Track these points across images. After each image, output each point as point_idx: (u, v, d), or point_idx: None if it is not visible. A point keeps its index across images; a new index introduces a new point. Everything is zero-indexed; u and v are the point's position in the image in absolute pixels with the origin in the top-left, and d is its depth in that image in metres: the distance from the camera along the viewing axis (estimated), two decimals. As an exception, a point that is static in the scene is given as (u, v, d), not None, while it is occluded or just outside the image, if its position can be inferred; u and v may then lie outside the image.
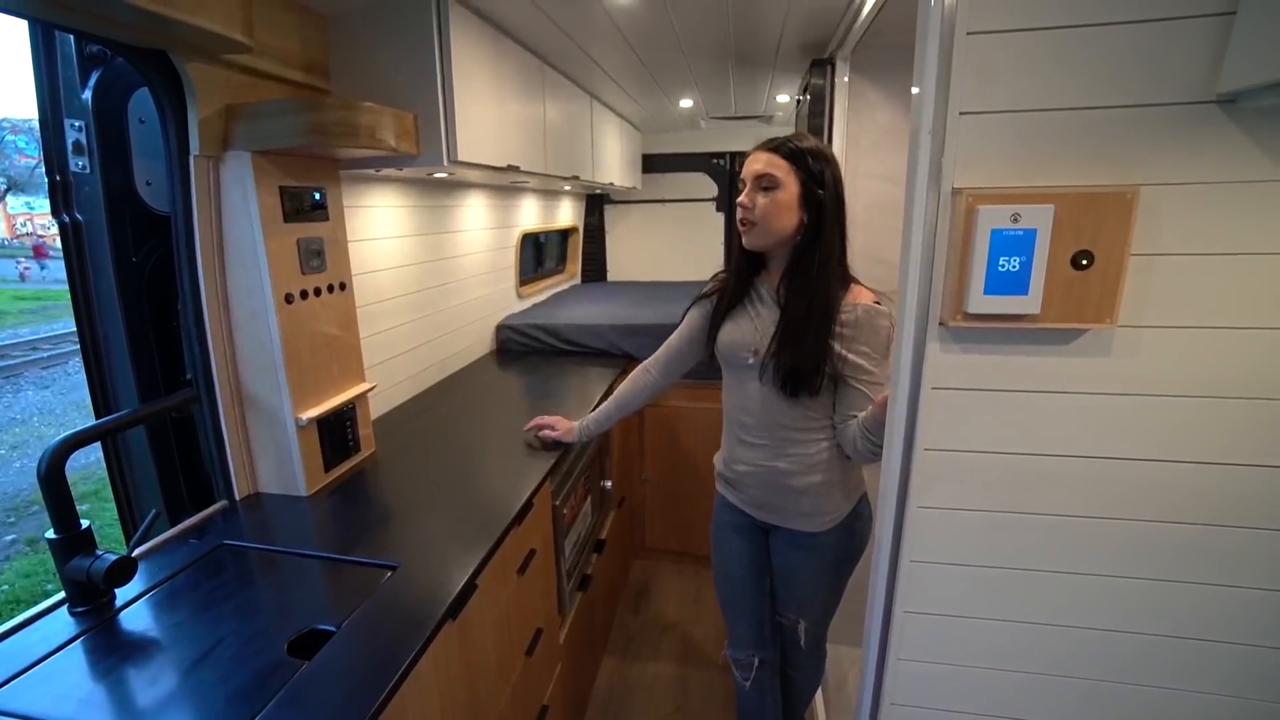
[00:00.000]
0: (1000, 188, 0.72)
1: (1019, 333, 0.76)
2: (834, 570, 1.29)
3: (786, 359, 1.12)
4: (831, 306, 1.11)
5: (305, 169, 1.21)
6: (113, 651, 0.85)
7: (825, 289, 1.11)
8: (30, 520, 4.27)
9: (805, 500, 1.22)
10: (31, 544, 4.00)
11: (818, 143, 1.14)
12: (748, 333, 1.20)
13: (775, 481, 1.23)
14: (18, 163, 17.47)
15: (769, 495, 1.25)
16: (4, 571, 3.75)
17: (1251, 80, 0.62)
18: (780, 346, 1.13)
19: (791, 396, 1.14)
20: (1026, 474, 0.81)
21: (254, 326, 1.17)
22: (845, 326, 1.10)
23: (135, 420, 1.12)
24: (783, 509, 1.25)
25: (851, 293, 1.13)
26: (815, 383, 1.11)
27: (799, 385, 1.12)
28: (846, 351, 1.10)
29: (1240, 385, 0.74)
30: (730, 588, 1.39)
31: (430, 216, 1.96)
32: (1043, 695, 0.90)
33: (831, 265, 1.12)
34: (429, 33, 1.28)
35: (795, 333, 1.12)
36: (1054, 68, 0.69)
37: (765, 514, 1.29)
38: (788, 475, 1.21)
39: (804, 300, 1.12)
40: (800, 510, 1.23)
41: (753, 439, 1.24)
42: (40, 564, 3.79)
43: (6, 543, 4.03)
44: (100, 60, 1.08)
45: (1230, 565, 0.79)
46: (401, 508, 1.23)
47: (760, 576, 1.37)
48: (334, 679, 0.78)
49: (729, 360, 1.25)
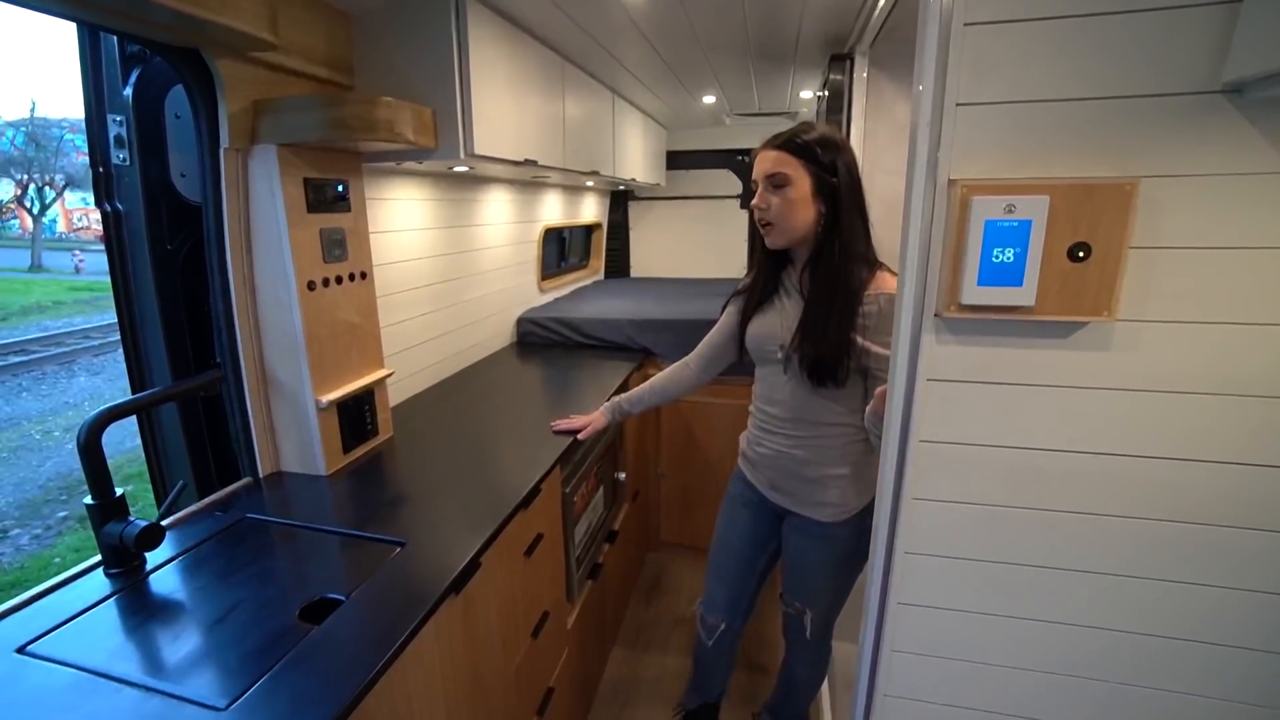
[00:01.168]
0: (995, 179, 0.72)
1: (1014, 325, 0.76)
2: (844, 563, 1.30)
3: (810, 349, 1.12)
4: (855, 295, 1.10)
5: (329, 162, 1.27)
6: (141, 610, 0.91)
7: (848, 277, 1.10)
8: (80, 499, 4.50)
9: (819, 490, 1.23)
10: (82, 521, 4.23)
11: (826, 131, 1.13)
12: (775, 326, 1.21)
13: (792, 469, 1.25)
14: (75, 160, 18.37)
15: (784, 480, 1.27)
16: (57, 545, 3.97)
17: (1258, 69, 0.61)
18: (804, 337, 1.14)
19: (818, 387, 1.14)
20: (1022, 468, 0.81)
21: (278, 312, 1.23)
22: (866, 318, 1.09)
23: (167, 397, 1.18)
24: (796, 495, 1.27)
25: (877, 280, 1.11)
26: (840, 373, 1.11)
27: (824, 375, 1.12)
28: (869, 344, 1.09)
29: (1246, 383, 0.72)
30: (723, 555, 1.43)
31: (452, 210, 2.02)
32: (1037, 692, 0.89)
33: (853, 252, 1.11)
34: (448, 30, 1.32)
35: (818, 322, 1.12)
36: (1052, 58, 0.68)
37: (779, 497, 1.30)
38: (805, 464, 1.23)
39: (826, 290, 1.12)
40: (815, 499, 1.24)
41: (776, 428, 1.25)
42: (88, 539, 4.01)
43: (60, 519, 4.27)
44: (140, 60, 1.15)
45: (1232, 567, 0.78)
46: (414, 490, 1.28)
47: (756, 555, 1.40)
48: (340, 643, 0.83)
49: (758, 355, 1.27)
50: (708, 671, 1.57)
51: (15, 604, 0.90)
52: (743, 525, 1.39)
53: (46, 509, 4.39)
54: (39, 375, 7.32)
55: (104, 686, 0.76)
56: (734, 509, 1.41)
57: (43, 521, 4.24)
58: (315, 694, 0.74)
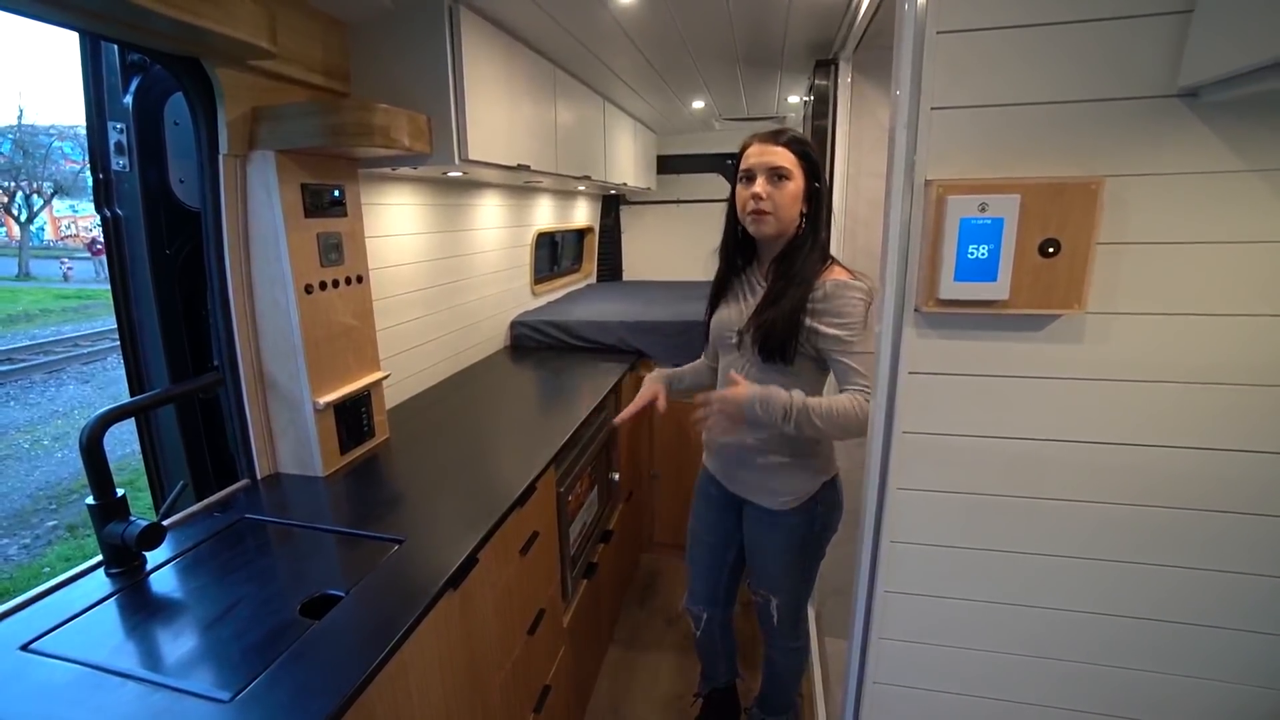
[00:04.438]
0: (969, 179, 0.75)
1: (990, 318, 0.79)
2: (798, 550, 1.35)
3: (761, 325, 1.19)
4: (809, 282, 1.17)
5: (325, 168, 1.29)
6: (143, 608, 0.92)
7: (810, 270, 1.18)
8: (70, 508, 4.47)
9: (768, 478, 1.29)
10: (71, 530, 4.20)
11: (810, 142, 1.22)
12: (734, 314, 1.28)
13: (743, 458, 1.31)
14: (63, 167, 18.25)
15: (736, 469, 1.34)
16: (46, 555, 3.94)
17: (1209, 74, 0.65)
18: (758, 315, 1.21)
19: (767, 362, 1.20)
20: (1001, 457, 0.84)
21: (276, 315, 1.25)
22: (815, 302, 1.16)
23: (166, 399, 1.20)
24: (747, 483, 1.33)
25: (828, 271, 1.19)
26: (789, 350, 1.17)
27: (772, 350, 1.18)
28: (817, 324, 1.16)
29: (1210, 371, 0.76)
30: (697, 549, 1.52)
31: (446, 214, 2.04)
32: (1020, 675, 0.92)
33: (818, 253, 1.20)
34: (442, 38, 1.35)
35: (772, 300, 1.19)
36: (1020, 64, 0.72)
37: (734, 486, 1.37)
38: (753, 451, 1.29)
39: (786, 278, 1.19)
40: (765, 487, 1.30)
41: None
42: (79, 549, 3.98)
43: (49, 528, 4.23)
44: (140, 68, 1.17)
45: (1204, 549, 0.81)
46: (411, 489, 1.30)
47: (725, 547, 1.47)
48: (341, 637, 0.85)
49: (719, 341, 1.34)
50: (709, 659, 1.66)
51: (18, 603, 0.91)
52: (708, 517, 1.48)
53: (35, 518, 4.35)
54: (26, 384, 7.25)
55: (109, 681, 0.78)
56: (701, 503, 1.50)
57: (31, 531, 4.20)
58: (317, 686, 0.76)
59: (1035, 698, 0.92)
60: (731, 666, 1.68)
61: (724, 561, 1.49)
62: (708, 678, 1.70)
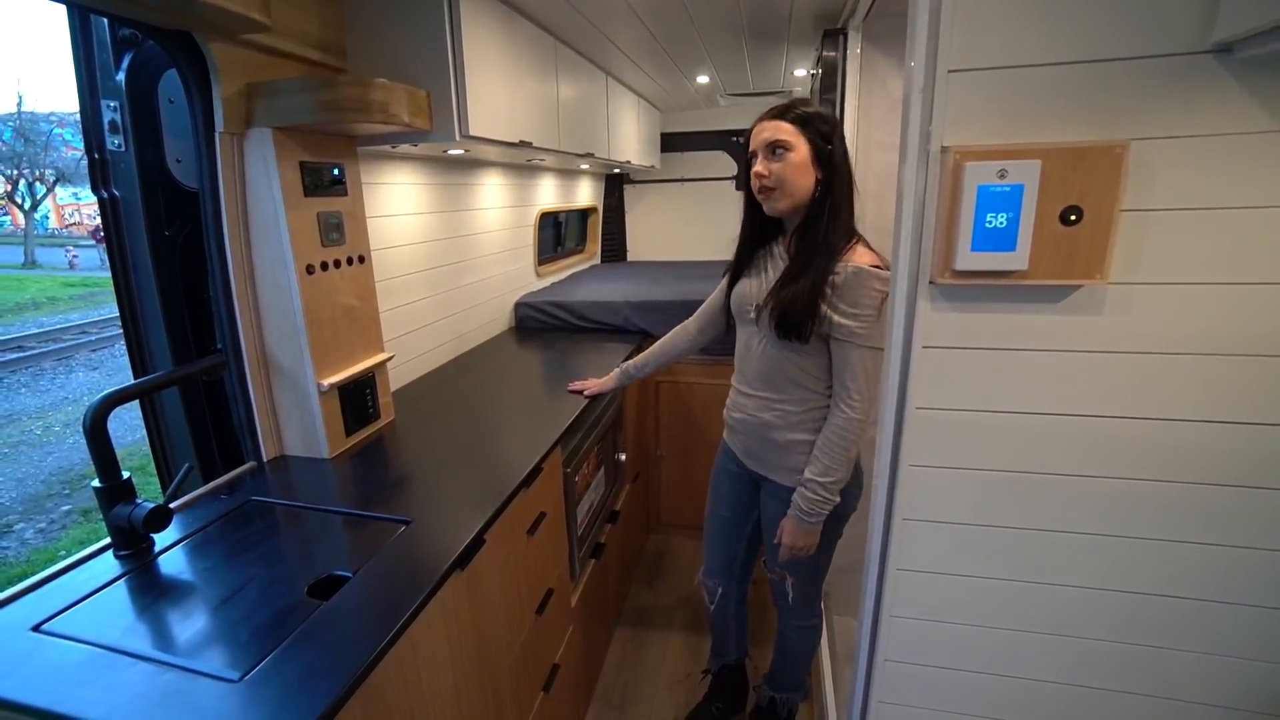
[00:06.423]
0: (987, 145, 0.72)
1: (1008, 289, 0.77)
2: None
3: (780, 301, 1.17)
4: (832, 257, 1.14)
5: (324, 145, 1.26)
6: (152, 589, 0.92)
7: (831, 242, 1.15)
8: (83, 493, 4.52)
9: (788, 455, 1.27)
10: (85, 514, 4.25)
11: (819, 107, 1.18)
12: (754, 288, 1.26)
13: (762, 434, 1.30)
14: (65, 155, 18.17)
15: (756, 445, 1.33)
16: (62, 539, 4.00)
17: (1247, 26, 0.61)
18: (777, 290, 1.18)
19: (783, 339, 1.18)
20: (1017, 432, 0.82)
21: (278, 296, 1.23)
22: (833, 287, 1.13)
23: (169, 381, 1.19)
24: (767, 460, 1.32)
25: (851, 251, 1.14)
26: (805, 329, 1.14)
27: (789, 328, 1.16)
28: (830, 311, 1.13)
29: (1238, 342, 0.74)
30: (714, 525, 1.53)
31: (448, 194, 2.01)
32: (1033, 653, 0.91)
33: (841, 219, 1.16)
34: (441, 11, 1.31)
35: (793, 277, 1.17)
36: (1042, 22, 0.69)
37: (753, 463, 1.36)
38: (772, 428, 1.27)
39: (809, 251, 1.16)
40: (784, 465, 1.28)
41: (749, 390, 1.31)
42: (92, 532, 4.03)
43: (64, 513, 4.29)
44: (132, 43, 1.14)
45: (1222, 524, 0.79)
46: (417, 471, 1.29)
47: (742, 523, 1.48)
48: (349, 617, 0.84)
49: (738, 314, 1.32)
50: (721, 635, 1.66)
51: (28, 585, 0.91)
52: (727, 493, 1.48)
53: (50, 503, 4.41)
54: (37, 371, 7.30)
55: (119, 661, 0.78)
56: (720, 479, 1.50)
57: (47, 515, 4.26)
58: (326, 666, 0.76)
59: (1048, 675, 0.92)
60: (742, 644, 1.69)
61: (740, 537, 1.50)
62: (718, 654, 1.71)
